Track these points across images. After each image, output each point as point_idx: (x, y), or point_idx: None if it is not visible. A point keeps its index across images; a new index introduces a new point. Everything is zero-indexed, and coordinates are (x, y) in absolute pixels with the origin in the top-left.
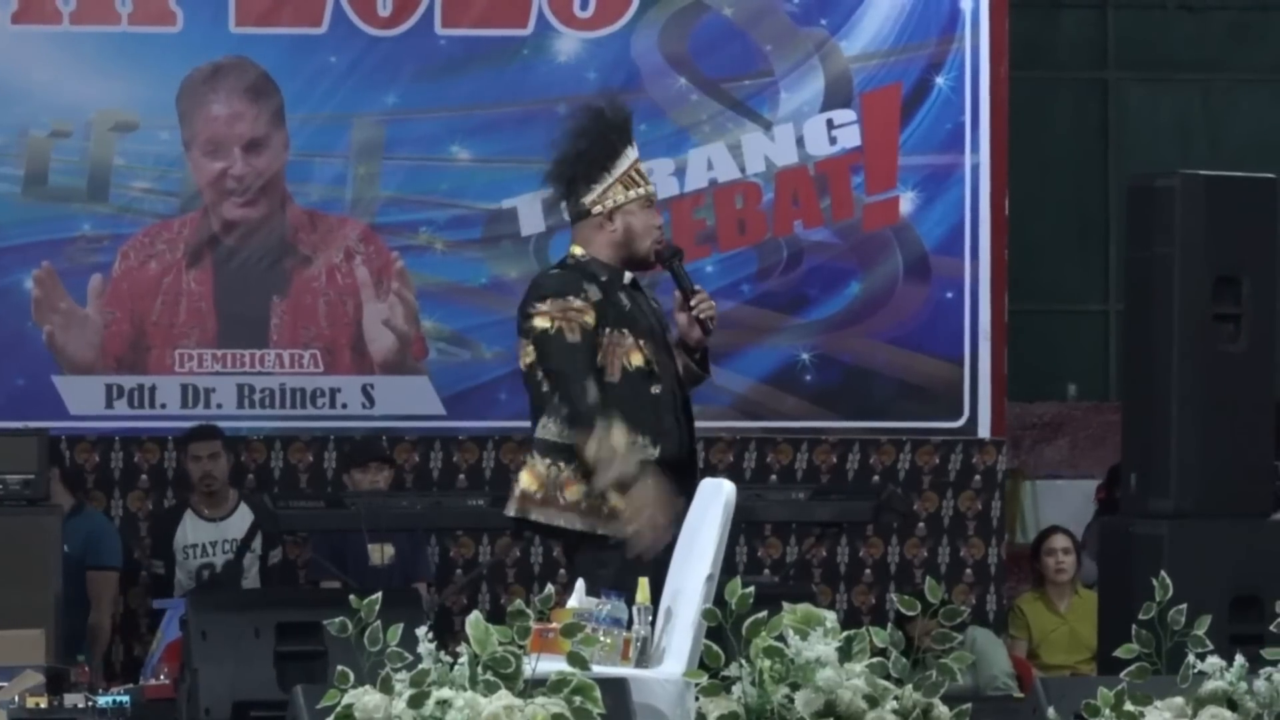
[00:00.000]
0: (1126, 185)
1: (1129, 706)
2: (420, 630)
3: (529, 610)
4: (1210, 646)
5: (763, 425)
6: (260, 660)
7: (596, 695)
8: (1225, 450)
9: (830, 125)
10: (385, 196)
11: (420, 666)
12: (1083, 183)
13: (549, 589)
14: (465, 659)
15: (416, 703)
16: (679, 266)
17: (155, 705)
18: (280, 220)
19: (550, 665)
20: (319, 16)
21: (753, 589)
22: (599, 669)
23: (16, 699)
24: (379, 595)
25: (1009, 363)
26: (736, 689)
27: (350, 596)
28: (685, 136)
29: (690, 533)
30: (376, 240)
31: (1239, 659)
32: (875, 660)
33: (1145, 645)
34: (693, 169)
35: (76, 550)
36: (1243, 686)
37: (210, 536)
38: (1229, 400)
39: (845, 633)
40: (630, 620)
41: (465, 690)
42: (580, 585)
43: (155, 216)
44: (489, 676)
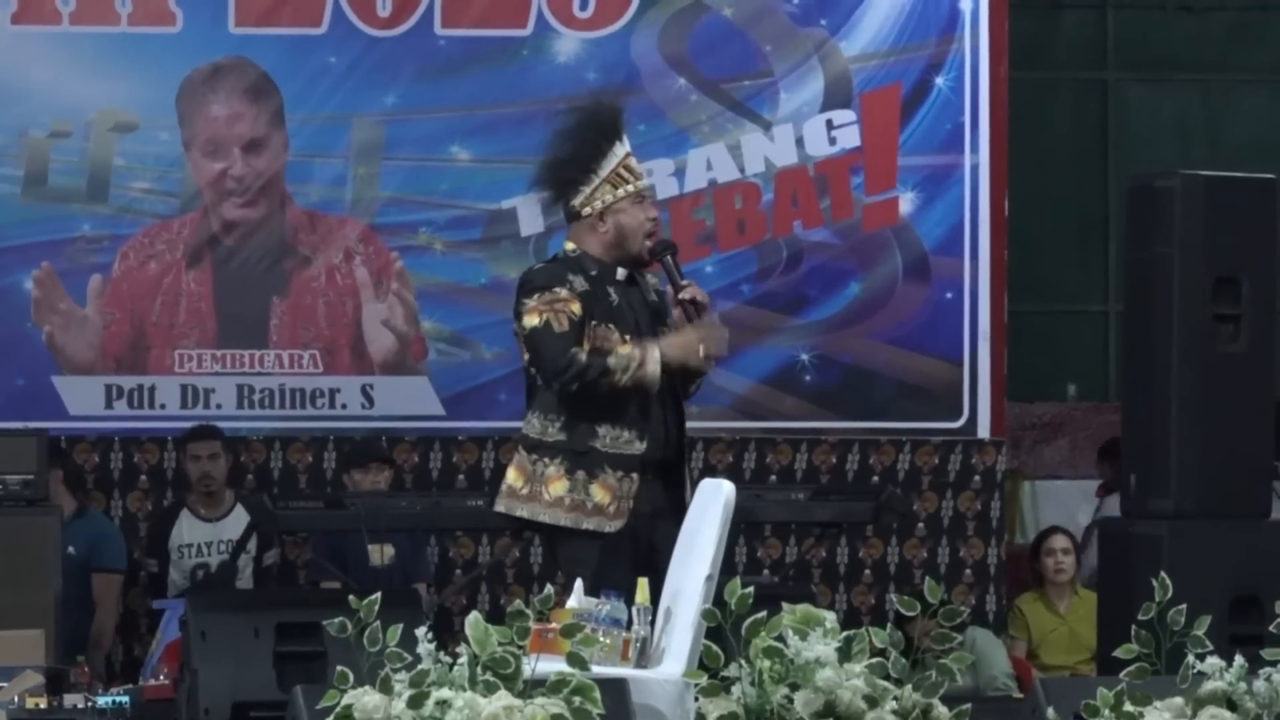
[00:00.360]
0: (1126, 185)
1: (1128, 707)
2: (420, 631)
3: (528, 611)
4: (1210, 647)
5: (762, 425)
6: (260, 660)
7: (596, 696)
8: (1225, 450)
9: (830, 126)
10: (385, 197)
11: (420, 667)
12: (1083, 183)
13: (548, 589)
14: (465, 659)
15: (416, 703)
16: (671, 262)
17: (155, 705)
18: (280, 221)
19: (550, 666)
20: (319, 17)
21: (752, 589)
22: (598, 669)
23: (16, 699)
24: (378, 596)
25: (1009, 363)
26: (736, 689)
27: (350, 597)
28: (685, 137)
29: (690, 533)
30: (376, 241)
31: (1238, 659)
32: (875, 661)
33: (1145, 645)
34: (692, 169)
35: (82, 552)
36: (1242, 687)
37: (206, 537)
38: (1229, 401)
39: (845, 633)
40: (630, 621)
41: (465, 690)
42: (579, 585)
43: (155, 217)
44: (488, 677)
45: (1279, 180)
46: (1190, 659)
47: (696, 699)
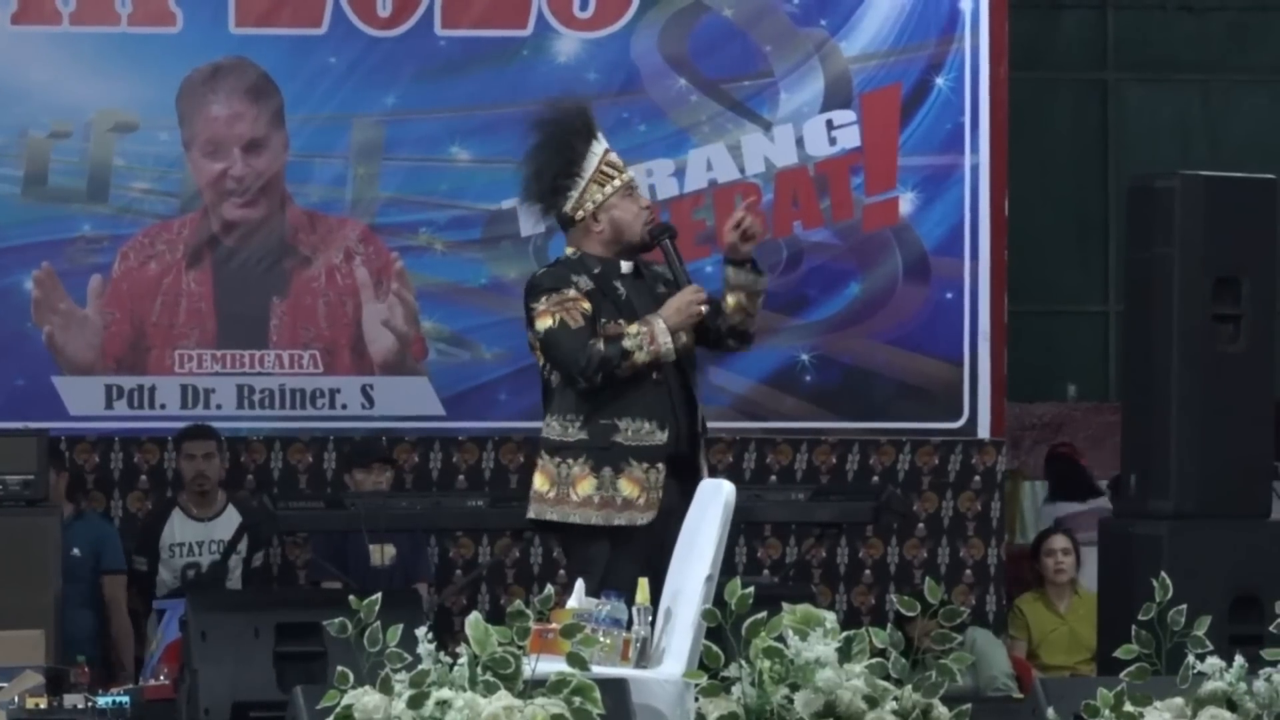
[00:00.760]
0: (1126, 186)
1: (1128, 707)
2: (420, 631)
3: (529, 611)
4: (1210, 647)
5: (762, 426)
6: (260, 661)
7: (596, 696)
8: (1225, 451)
9: (830, 126)
10: (385, 197)
11: (420, 667)
12: (1082, 183)
13: (548, 589)
14: (465, 659)
15: (416, 703)
16: (670, 246)
17: (155, 706)
18: (280, 221)
19: (550, 666)
20: (319, 17)
21: (752, 589)
22: (598, 669)
23: (16, 699)
24: (378, 596)
25: (1009, 363)
26: (736, 689)
27: (350, 597)
28: (685, 137)
29: (690, 533)
30: (376, 241)
31: (1238, 659)
32: (875, 661)
33: (1145, 646)
34: (692, 170)
35: (88, 554)
36: (1242, 687)
37: (197, 536)
38: (1228, 401)
39: (845, 633)
40: (630, 621)
41: (465, 691)
42: (580, 586)
43: (155, 217)
44: (488, 677)
45: (1279, 180)
46: (1190, 659)
47: (696, 699)
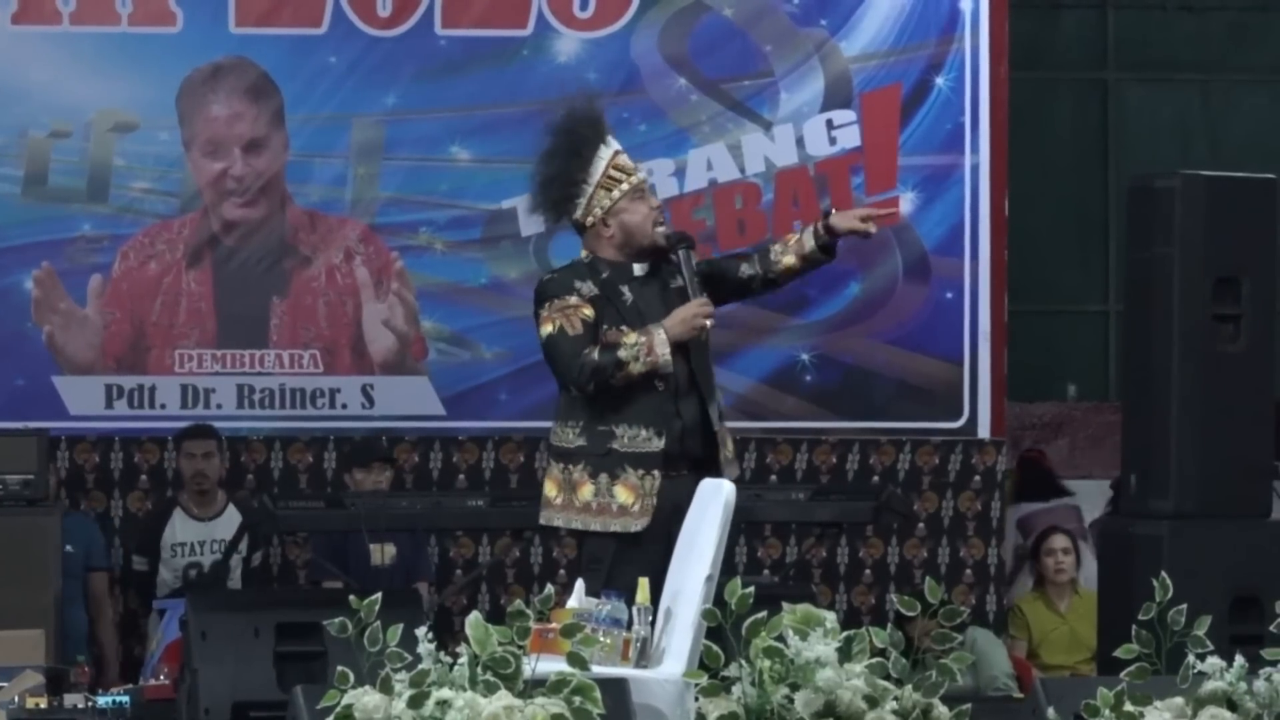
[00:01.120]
0: (1126, 186)
1: (1129, 707)
2: (420, 630)
3: (529, 611)
4: (1210, 647)
5: (762, 425)
6: (260, 660)
7: (596, 695)
8: (1225, 451)
9: (830, 126)
10: (385, 197)
11: (420, 667)
12: (1083, 183)
13: (548, 589)
14: (465, 659)
15: (416, 703)
16: (684, 256)
17: (155, 705)
18: (280, 221)
19: (550, 665)
20: (319, 17)
21: (752, 589)
22: (599, 669)
23: (16, 699)
24: (378, 596)
25: (1009, 363)
26: (736, 689)
27: (350, 597)
28: (685, 137)
29: (690, 533)
30: (376, 240)
31: (1239, 659)
32: (875, 661)
33: (1145, 645)
34: (692, 169)
35: (80, 551)
36: (1242, 687)
37: (198, 536)
38: (1229, 401)
39: (845, 633)
40: (630, 620)
41: (465, 690)
42: (580, 586)
43: (155, 217)
44: (489, 677)
45: (1279, 181)
46: (1190, 659)
47: (696, 699)
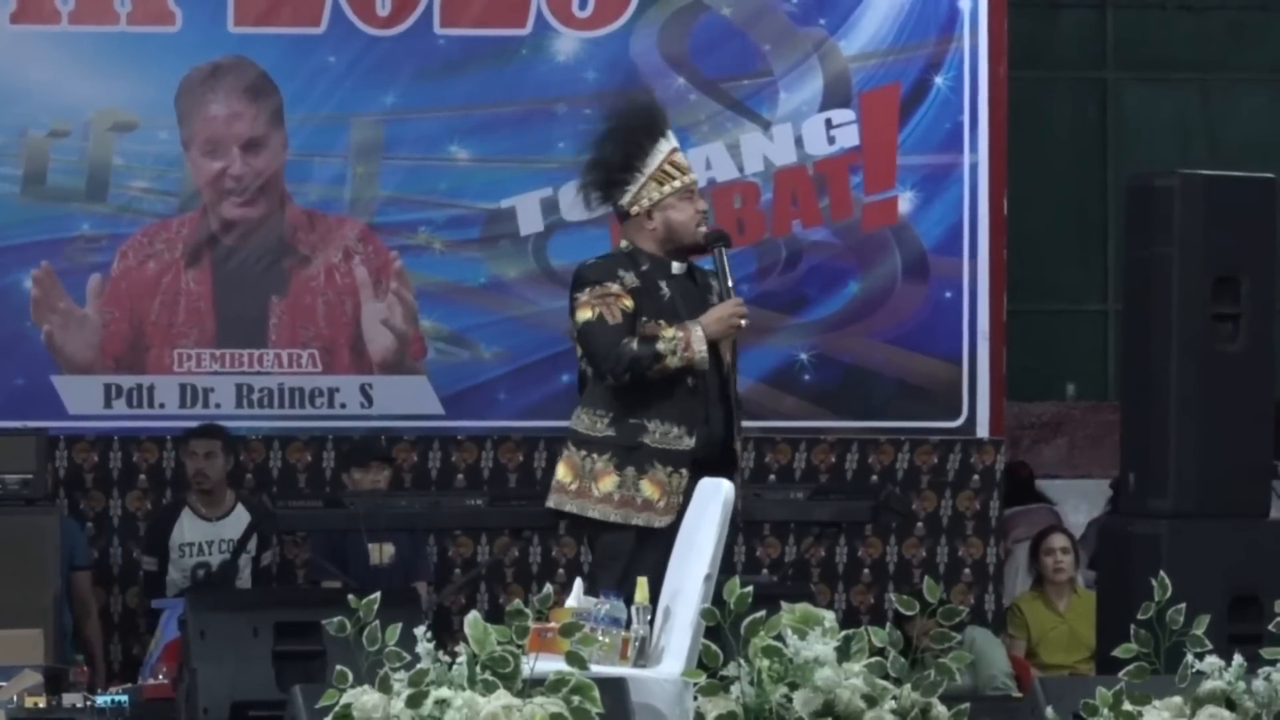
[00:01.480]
0: (1125, 185)
1: (1127, 706)
2: (419, 630)
3: (527, 610)
4: (1209, 646)
5: (761, 425)
6: (259, 660)
7: (595, 695)
8: (1224, 450)
9: (829, 125)
10: (384, 196)
11: (419, 666)
12: (1082, 182)
13: (547, 589)
14: (464, 659)
15: (415, 702)
16: (721, 254)
17: (154, 705)
18: (279, 220)
19: (549, 665)
20: (318, 16)
21: (751, 588)
22: (597, 668)
23: (15, 699)
24: (377, 595)
25: (1007, 362)
26: (735, 689)
27: (349, 596)
28: (684, 136)
29: (689, 532)
30: (375, 240)
31: (1237, 659)
32: (874, 660)
33: (1144, 645)
34: None
35: (66, 551)
36: (1241, 686)
37: (206, 536)
38: (1227, 400)
39: (844, 632)
40: (629, 620)
41: (464, 690)
42: (579, 585)
43: (154, 216)
44: (487, 676)
45: (1278, 180)
46: (1189, 658)
47: (695, 698)
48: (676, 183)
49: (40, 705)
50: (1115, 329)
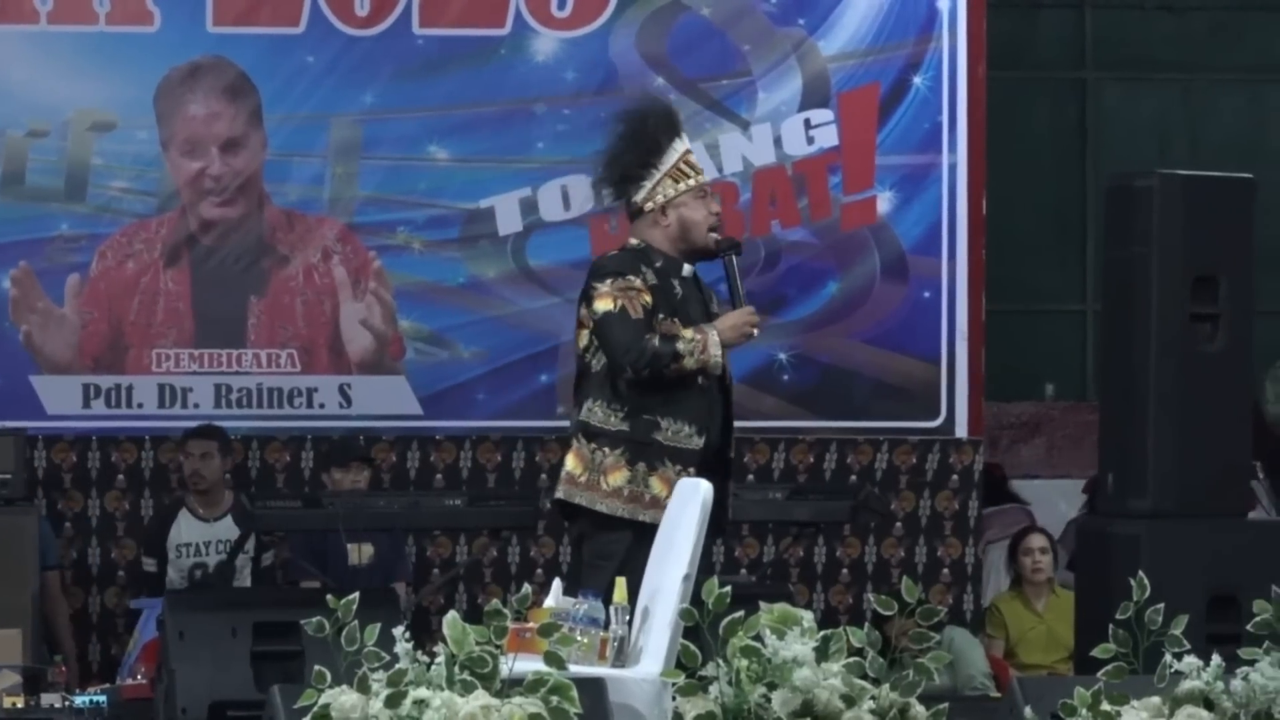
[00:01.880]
0: (1105, 185)
1: (1106, 706)
2: (397, 630)
3: (506, 610)
4: (1187, 646)
5: (740, 425)
6: (237, 660)
7: (573, 695)
8: (1203, 450)
9: (808, 125)
10: (363, 196)
11: (397, 666)
12: (1061, 183)
13: (526, 589)
14: (442, 659)
15: (393, 702)
16: (732, 262)
17: (132, 705)
18: (258, 220)
19: (527, 665)
20: (297, 16)
21: (729, 589)
22: (576, 669)
23: None
24: (356, 595)
25: (986, 362)
26: (713, 689)
27: (327, 596)
28: None
29: (667, 532)
30: (354, 240)
31: (1216, 658)
32: (852, 660)
33: (1122, 645)
34: None
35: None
36: (1219, 686)
37: (204, 536)
38: (1206, 400)
39: (822, 632)
40: (607, 620)
41: (442, 690)
42: (557, 585)
43: (133, 216)
44: (466, 676)
45: (1256, 180)
46: (1168, 658)
47: (674, 698)
48: (691, 181)
49: (19, 705)
50: (1094, 329)
